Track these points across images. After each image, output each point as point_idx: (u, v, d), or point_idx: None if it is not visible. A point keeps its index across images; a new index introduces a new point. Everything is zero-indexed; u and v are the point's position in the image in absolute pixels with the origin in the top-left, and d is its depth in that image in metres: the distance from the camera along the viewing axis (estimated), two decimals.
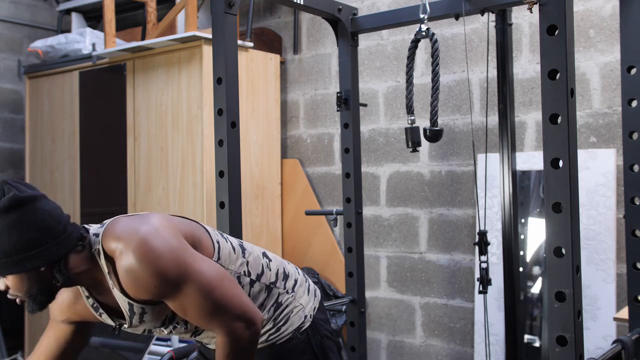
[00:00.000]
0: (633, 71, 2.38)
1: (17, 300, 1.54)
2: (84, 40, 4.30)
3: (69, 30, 4.80)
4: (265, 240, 3.96)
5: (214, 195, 2.50)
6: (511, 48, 2.85)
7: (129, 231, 1.53)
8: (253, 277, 1.73)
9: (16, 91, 5.00)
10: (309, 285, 1.87)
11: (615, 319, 2.70)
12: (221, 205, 2.32)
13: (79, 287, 1.67)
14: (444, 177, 3.52)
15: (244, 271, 1.71)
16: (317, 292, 1.90)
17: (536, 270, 3.18)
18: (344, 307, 3.03)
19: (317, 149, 4.04)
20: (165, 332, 1.71)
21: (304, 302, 1.81)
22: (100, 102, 4.22)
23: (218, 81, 2.31)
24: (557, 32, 1.69)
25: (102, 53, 4.02)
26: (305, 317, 1.79)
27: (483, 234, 2.78)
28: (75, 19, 4.78)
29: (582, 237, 1.87)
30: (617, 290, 2.94)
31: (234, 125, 2.32)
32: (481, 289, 2.75)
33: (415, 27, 2.57)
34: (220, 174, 2.32)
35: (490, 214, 3.23)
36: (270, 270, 1.78)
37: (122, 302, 1.58)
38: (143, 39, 4.31)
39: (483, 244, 2.77)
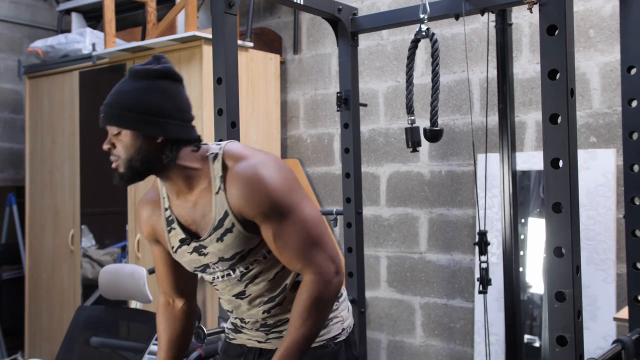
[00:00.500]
0: (633, 71, 2.38)
1: (113, 165, 1.61)
2: (84, 40, 4.30)
3: (69, 30, 4.80)
4: None
5: None
6: (511, 48, 2.85)
7: (255, 150, 1.63)
8: None
9: (16, 91, 5.00)
10: (349, 305, 1.89)
11: (615, 319, 2.70)
12: None
13: (160, 198, 1.70)
14: (444, 177, 3.52)
15: None
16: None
17: (536, 270, 3.18)
18: None
19: (317, 149, 4.04)
20: (219, 274, 1.69)
21: (344, 316, 1.82)
22: (100, 102, 4.17)
23: (218, 81, 2.31)
24: (557, 32, 1.69)
25: (102, 53, 4.02)
26: (343, 329, 1.80)
27: (483, 234, 2.78)
28: (75, 19, 4.78)
29: (582, 237, 1.87)
30: (617, 290, 2.94)
31: (234, 125, 2.31)
32: (481, 289, 2.75)
33: (415, 27, 2.56)
34: None
35: (490, 214, 3.23)
36: None
37: (219, 209, 1.59)
38: (143, 39, 4.31)
39: (483, 244, 2.77)
